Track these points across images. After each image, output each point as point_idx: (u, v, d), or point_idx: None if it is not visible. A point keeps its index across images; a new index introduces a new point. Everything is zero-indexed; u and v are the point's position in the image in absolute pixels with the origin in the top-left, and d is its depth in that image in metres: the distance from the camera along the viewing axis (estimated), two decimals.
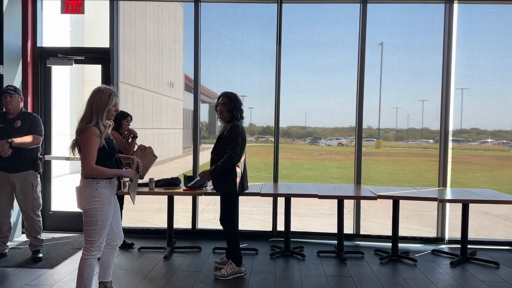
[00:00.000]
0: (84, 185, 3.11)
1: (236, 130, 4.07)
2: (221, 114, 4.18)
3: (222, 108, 4.15)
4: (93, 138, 3.02)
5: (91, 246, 3.14)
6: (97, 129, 3.04)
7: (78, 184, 3.19)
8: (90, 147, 3.01)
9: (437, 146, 5.67)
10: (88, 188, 3.09)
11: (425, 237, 5.57)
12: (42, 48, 5.72)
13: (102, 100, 3.09)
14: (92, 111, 3.06)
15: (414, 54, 5.91)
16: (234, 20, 5.97)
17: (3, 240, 4.59)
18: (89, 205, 3.10)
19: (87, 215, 3.13)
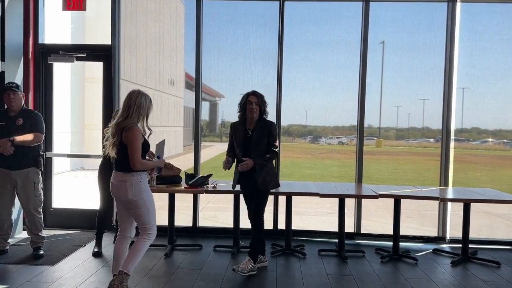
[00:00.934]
0: (128, 178, 3.39)
1: (276, 129, 4.37)
2: (253, 113, 4.24)
3: (255, 107, 4.24)
4: (139, 135, 3.36)
5: (150, 230, 3.49)
6: (140, 128, 3.40)
7: (114, 179, 3.47)
8: (137, 143, 3.34)
9: (437, 145, 5.67)
10: (134, 180, 3.40)
11: (426, 236, 5.57)
12: (44, 45, 5.71)
13: (146, 104, 3.45)
14: (134, 111, 3.36)
15: (416, 53, 5.90)
16: (236, 18, 5.96)
17: (4, 237, 4.59)
18: (138, 196, 3.40)
19: (138, 205, 3.42)
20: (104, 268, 4.28)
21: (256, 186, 4.24)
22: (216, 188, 4.79)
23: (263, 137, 4.26)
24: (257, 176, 4.22)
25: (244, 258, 4.42)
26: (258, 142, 4.25)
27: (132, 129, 3.32)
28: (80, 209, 5.90)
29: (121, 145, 3.36)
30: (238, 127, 4.38)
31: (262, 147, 4.26)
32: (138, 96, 3.41)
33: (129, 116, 3.36)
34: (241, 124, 4.38)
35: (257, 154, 4.23)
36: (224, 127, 7.74)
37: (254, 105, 4.23)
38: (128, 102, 3.40)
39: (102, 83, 5.73)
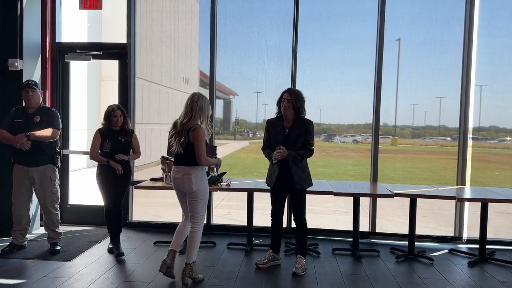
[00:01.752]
0: (193, 171, 3.79)
1: (313, 128, 4.29)
2: (286, 110, 4.18)
3: (287, 105, 4.15)
4: (204, 135, 3.74)
5: (200, 219, 3.87)
6: (204, 128, 3.76)
7: (177, 173, 3.84)
8: (203, 142, 3.73)
9: (454, 144, 5.57)
10: (198, 173, 3.81)
11: (442, 236, 5.49)
12: (61, 44, 5.79)
13: (206, 105, 3.79)
14: (196, 113, 3.71)
15: (433, 50, 5.81)
16: (250, 15, 5.95)
17: (22, 233, 4.67)
18: (200, 187, 3.81)
19: (198, 195, 3.82)
20: (119, 264, 4.33)
21: (294, 185, 4.21)
22: (229, 186, 4.80)
23: (301, 135, 4.19)
24: (294, 175, 4.19)
25: (258, 256, 4.43)
26: (296, 141, 4.19)
27: (198, 129, 3.69)
28: (96, 205, 5.96)
29: (188, 143, 3.72)
30: (275, 124, 4.30)
31: (299, 145, 4.20)
32: (200, 99, 3.75)
33: (192, 117, 3.70)
34: (279, 121, 4.29)
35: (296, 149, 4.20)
36: (237, 125, 7.74)
37: (286, 102, 4.16)
38: (191, 104, 3.73)
39: (118, 81, 5.79)
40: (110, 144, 4.56)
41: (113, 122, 4.55)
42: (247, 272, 4.22)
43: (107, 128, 4.58)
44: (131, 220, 5.77)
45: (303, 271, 4.19)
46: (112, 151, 4.53)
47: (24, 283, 3.74)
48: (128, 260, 4.45)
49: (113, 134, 4.58)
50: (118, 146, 4.59)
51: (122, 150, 4.60)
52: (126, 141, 4.64)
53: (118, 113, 4.55)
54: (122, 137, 4.59)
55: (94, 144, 4.58)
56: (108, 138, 4.55)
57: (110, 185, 4.61)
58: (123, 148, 4.62)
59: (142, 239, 5.26)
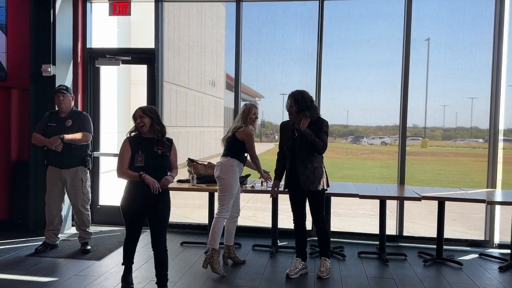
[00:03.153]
0: (224, 161, 4.29)
1: (327, 127, 4.14)
2: (289, 115, 4.15)
3: (289, 109, 4.11)
4: (251, 134, 4.32)
5: (222, 208, 4.24)
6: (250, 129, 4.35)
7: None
8: (252, 140, 4.31)
9: (487, 145, 5.42)
10: (227, 164, 4.27)
11: (472, 240, 5.35)
12: (91, 49, 5.98)
13: (247, 110, 4.36)
14: (241, 117, 4.35)
15: (462, 51, 5.68)
16: (275, 18, 5.98)
17: (55, 232, 4.84)
18: (223, 175, 4.24)
19: (220, 183, 4.27)
20: (147, 264, 4.43)
21: (300, 186, 4.07)
22: (254, 188, 4.83)
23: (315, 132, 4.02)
24: (300, 175, 4.05)
25: (283, 258, 4.43)
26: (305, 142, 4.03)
27: (243, 129, 4.28)
28: None
29: (228, 139, 4.36)
30: (287, 127, 4.22)
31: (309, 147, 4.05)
32: (244, 106, 4.42)
33: (238, 122, 4.37)
34: (290, 124, 4.19)
35: (303, 150, 4.04)
36: (263, 127, 7.77)
37: (288, 107, 4.09)
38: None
39: (146, 85, 5.92)
40: (144, 156, 3.44)
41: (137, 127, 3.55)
42: (272, 274, 4.23)
43: (138, 136, 3.57)
44: None
45: (328, 273, 4.15)
46: (147, 165, 3.42)
47: (56, 281, 3.88)
48: None
49: (145, 143, 3.50)
50: (154, 160, 3.46)
51: (159, 166, 3.50)
52: (163, 154, 3.50)
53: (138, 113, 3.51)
54: (158, 148, 3.49)
55: (123, 156, 3.46)
56: (141, 149, 3.47)
57: (145, 211, 3.54)
58: (160, 163, 3.50)
59: (169, 239, 5.28)
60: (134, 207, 3.52)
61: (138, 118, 3.49)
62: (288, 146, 4.16)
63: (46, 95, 5.26)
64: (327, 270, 4.17)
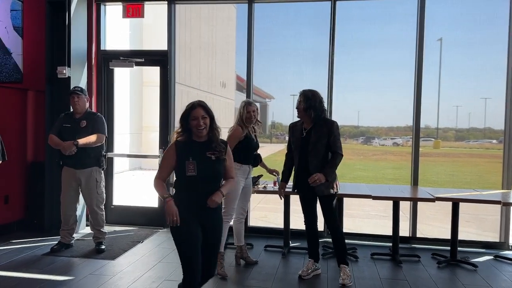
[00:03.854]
0: None
1: (338, 129, 4.03)
2: (298, 113, 4.05)
3: (298, 107, 4.01)
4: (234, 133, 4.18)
5: (224, 212, 3.97)
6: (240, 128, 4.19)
7: None
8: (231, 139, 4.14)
9: (501, 146, 5.36)
10: None
11: (487, 242, 5.30)
12: (105, 51, 6.04)
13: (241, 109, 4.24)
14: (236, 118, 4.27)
15: (476, 50, 5.64)
16: (286, 19, 5.99)
17: (70, 232, 4.91)
18: None
19: None
20: (161, 263, 4.46)
21: (313, 190, 4.00)
22: (266, 189, 4.84)
23: (323, 137, 3.94)
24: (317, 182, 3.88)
25: (295, 259, 4.43)
26: (317, 143, 3.94)
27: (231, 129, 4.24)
28: (139, 206, 6.18)
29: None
30: (295, 127, 4.16)
31: (321, 148, 3.95)
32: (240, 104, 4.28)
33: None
34: (299, 124, 4.13)
35: (314, 157, 3.95)
36: (273, 128, 7.77)
37: (297, 104, 4.01)
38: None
39: (159, 87, 5.97)
40: (195, 163, 2.79)
41: (195, 130, 2.85)
42: (284, 274, 4.24)
43: (188, 140, 2.88)
44: None
45: (351, 280, 4.01)
46: (200, 174, 2.79)
47: (72, 280, 3.94)
48: (169, 260, 4.58)
49: (197, 148, 2.87)
50: (207, 168, 2.84)
51: (214, 174, 2.90)
52: (218, 160, 2.89)
53: (199, 113, 2.81)
54: (212, 153, 2.87)
55: (162, 164, 2.94)
56: (191, 155, 2.82)
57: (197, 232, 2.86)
58: (215, 171, 2.89)
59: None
60: (185, 230, 2.79)
61: (200, 119, 2.79)
62: (297, 146, 4.09)
63: (61, 96, 5.33)
64: (349, 276, 4.02)
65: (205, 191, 2.82)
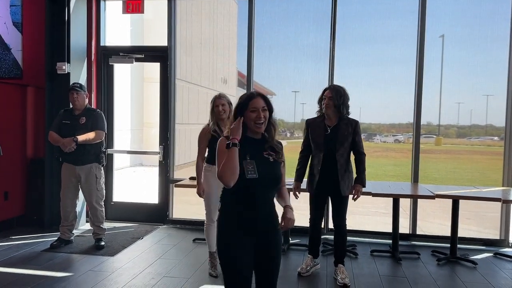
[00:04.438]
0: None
1: (360, 128, 4.03)
2: (327, 108, 3.92)
3: (328, 102, 3.90)
4: (202, 134, 3.98)
5: (205, 214, 4.11)
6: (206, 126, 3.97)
7: None
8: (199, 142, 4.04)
9: (502, 143, 5.34)
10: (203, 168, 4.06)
11: (487, 239, 5.28)
12: (105, 47, 6.02)
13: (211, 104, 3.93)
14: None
15: (478, 47, 5.59)
16: (287, 15, 5.95)
17: (69, 228, 4.91)
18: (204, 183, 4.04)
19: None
20: (160, 260, 4.47)
21: (339, 191, 3.95)
22: None
23: (349, 136, 3.91)
24: (341, 180, 3.92)
25: (295, 255, 4.42)
26: (344, 141, 3.91)
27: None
28: (139, 203, 6.18)
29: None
30: (316, 124, 4.04)
31: (347, 147, 3.94)
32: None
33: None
34: (319, 121, 4.02)
35: (341, 156, 3.91)
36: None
37: (327, 99, 3.90)
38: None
39: (159, 83, 5.95)
40: (254, 164, 2.30)
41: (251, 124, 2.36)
42: (283, 271, 4.22)
43: (242, 135, 2.33)
44: (171, 217, 5.93)
45: (348, 278, 3.96)
46: (261, 176, 2.28)
47: (71, 276, 3.94)
48: (168, 256, 4.58)
49: (253, 145, 2.37)
50: (266, 170, 2.33)
51: (274, 179, 2.39)
52: (276, 162, 2.40)
53: (260, 104, 2.33)
54: (270, 153, 2.39)
55: (222, 157, 2.28)
56: (248, 153, 2.31)
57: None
58: (275, 175, 2.39)
59: (182, 236, 5.39)
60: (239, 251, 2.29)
61: (261, 111, 2.31)
62: (319, 144, 3.98)
63: (61, 92, 5.32)
64: (347, 275, 3.98)
65: (264, 200, 2.35)
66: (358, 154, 4.01)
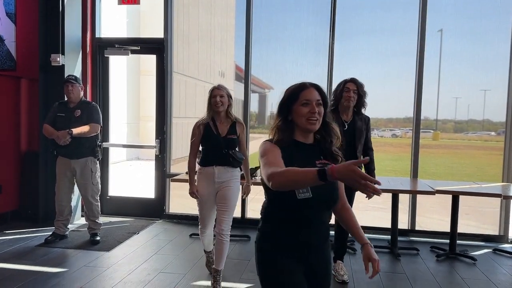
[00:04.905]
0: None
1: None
2: (351, 102, 3.74)
3: (353, 96, 3.73)
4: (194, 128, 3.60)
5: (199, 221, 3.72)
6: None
7: None
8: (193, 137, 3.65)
9: (499, 138, 5.30)
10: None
11: (486, 235, 5.25)
12: (100, 39, 5.92)
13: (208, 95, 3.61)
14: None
15: (478, 41, 5.54)
16: (286, 7, 5.87)
17: (64, 223, 4.84)
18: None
19: None
20: (156, 255, 4.41)
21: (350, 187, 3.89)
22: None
23: (364, 132, 3.84)
24: None
25: None
26: (361, 137, 3.80)
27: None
28: (135, 197, 6.12)
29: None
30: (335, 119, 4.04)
31: (363, 142, 3.86)
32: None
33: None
34: (337, 117, 3.76)
35: (360, 153, 3.84)
36: (272, 119, 7.69)
37: (352, 92, 3.72)
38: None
39: (155, 75, 5.87)
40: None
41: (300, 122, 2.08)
42: None
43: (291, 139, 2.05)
44: (168, 212, 5.87)
45: (346, 275, 3.91)
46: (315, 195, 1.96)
47: (66, 272, 3.88)
48: (164, 252, 4.53)
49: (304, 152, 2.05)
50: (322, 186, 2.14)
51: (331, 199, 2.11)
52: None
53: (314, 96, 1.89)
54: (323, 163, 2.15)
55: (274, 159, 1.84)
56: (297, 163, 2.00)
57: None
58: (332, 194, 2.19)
59: (178, 231, 5.33)
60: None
61: (315, 105, 1.83)
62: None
63: (55, 85, 5.23)
64: (346, 273, 3.92)
65: (318, 223, 1.88)
66: (369, 151, 3.97)
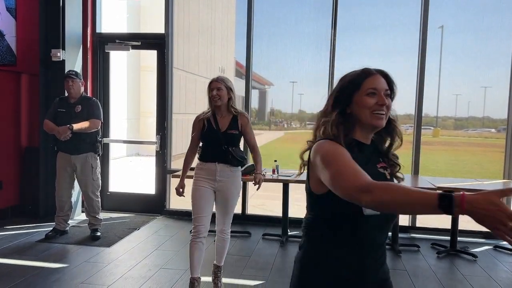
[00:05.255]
0: None
1: None
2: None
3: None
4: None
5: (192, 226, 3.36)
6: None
7: None
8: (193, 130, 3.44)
9: (499, 135, 5.30)
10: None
11: (487, 232, 5.25)
12: (101, 34, 5.90)
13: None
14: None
15: (480, 38, 5.52)
16: (288, 2, 5.84)
17: (65, 219, 4.83)
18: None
19: None
20: (157, 251, 4.41)
21: None
22: (265, 177, 4.76)
23: None
24: None
25: (294, 248, 4.37)
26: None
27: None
28: (135, 193, 6.11)
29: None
30: None
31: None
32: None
33: None
34: None
35: None
36: (273, 116, 7.67)
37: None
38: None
39: (156, 71, 5.85)
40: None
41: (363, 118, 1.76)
42: (282, 263, 4.19)
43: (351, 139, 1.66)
44: (168, 208, 5.86)
45: None
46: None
47: (66, 267, 3.87)
48: (165, 248, 4.53)
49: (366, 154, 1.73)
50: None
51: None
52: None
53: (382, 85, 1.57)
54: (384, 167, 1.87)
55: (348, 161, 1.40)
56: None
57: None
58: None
59: (179, 227, 5.33)
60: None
61: (385, 97, 1.54)
62: None
63: (56, 80, 5.21)
64: None
65: (378, 244, 1.55)
66: None
